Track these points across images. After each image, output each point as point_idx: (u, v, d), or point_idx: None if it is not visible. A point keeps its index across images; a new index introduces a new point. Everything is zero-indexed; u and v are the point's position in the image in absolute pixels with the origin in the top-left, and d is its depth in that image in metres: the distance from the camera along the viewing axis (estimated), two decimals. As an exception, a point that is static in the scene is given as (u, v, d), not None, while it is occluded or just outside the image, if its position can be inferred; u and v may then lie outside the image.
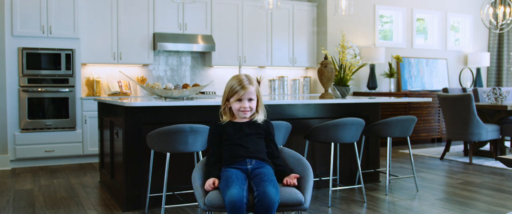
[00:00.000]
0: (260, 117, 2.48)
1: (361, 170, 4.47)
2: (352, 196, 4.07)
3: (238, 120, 2.46)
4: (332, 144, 3.79)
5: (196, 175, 2.36)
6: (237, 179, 2.19)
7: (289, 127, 3.53)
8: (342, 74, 4.51)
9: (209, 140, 2.51)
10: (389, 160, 4.25)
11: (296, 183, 2.30)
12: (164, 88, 3.80)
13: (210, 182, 2.26)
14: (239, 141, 2.39)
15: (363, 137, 4.42)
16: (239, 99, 2.39)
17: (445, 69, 8.50)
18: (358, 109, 4.46)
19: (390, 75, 7.62)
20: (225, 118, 2.47)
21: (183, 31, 6.49)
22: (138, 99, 4.52)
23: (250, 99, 2.41)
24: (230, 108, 2.46)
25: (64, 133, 5.64)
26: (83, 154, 5.77)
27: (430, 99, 4.97)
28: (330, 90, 4.48)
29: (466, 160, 5.91)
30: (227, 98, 2.43)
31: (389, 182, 4.56)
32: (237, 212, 2.06)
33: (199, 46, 6.43)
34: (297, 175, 2.33)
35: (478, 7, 8.81)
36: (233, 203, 2.05)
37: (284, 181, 2.31)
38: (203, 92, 6.69)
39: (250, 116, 2.48)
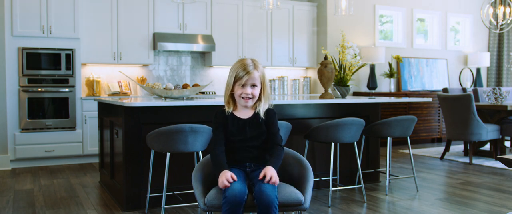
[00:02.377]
0: (264, 107, 2.33)
1: (361, 170, 4.47)
2: (352, 196, 4.07)
3: (241, 115, 2.34)
4: (332, 144, 3.79)
5: (196, 175, 2.35)
6: (238, 175, 2.19)
7: (289, 127, 3.53)
8: (342, 74, 4.51)
9: (214, 129, 2.36)
10: (389, 160, 4.24)
11: (269, 178, 2.15)
12: (164, 88, 3.80)
13: (228, 176, 2.12)
14: (240, 144, 2.31)
15: (363, 137, 4.42)
16: (243, 85, 2.27)
17: (445, 69, 8.50)
18: (358, 109, 4.46)
19: (390, 75, 7.62)
20: (228, 107, 2.34)
21: (183, 31, 6.49)
22: (138, 99, 4.52)
23: (253, 85, 2.28)
24: (233, 96, 2.33)
25: (64, 133, 5.64)
26: (83, 154, 5.77)
27: (430, 99, 4.97)
28: (330, 90, 4.48)
29: (466, 160, 5.91)
30: (232, 83, 2.28)
31: (389, 182, 4.56)
32: (236, 207, 2.04)
33: (199, 46, 6.43)
34: (268, 171, 2.17)
35: (478, 7, 8.81)
36: (234, 197, 2.03)
37: (260, 175, 2.18)
38: (203, 92, 6.69)
39: (253, 105, 2.35)
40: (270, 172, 2.17)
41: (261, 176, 2.17)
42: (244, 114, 2.36)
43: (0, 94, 5.39)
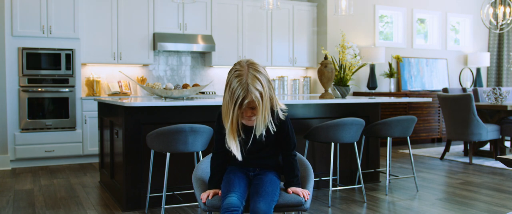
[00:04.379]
0: (263, 123, 2.07)
1: (361, 170, 4.47)
2: (352, 196, 4.07)
3: (246, 121, 2.12)
4: (332, 144, 3.79)
5: (196, 175, 2.35)
6: (239, 185, 2.12)
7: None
8: (342, 74, 4.51)
9: (216, 131, 2.24)
10: (389, 160, 4.24)
11: (301, 195, 2.18)
12: (164, 88, 3.80)
13: (209, 194, 2.15)
14: (245, 151, 2.19)
15: (363, 137, 4.42)
16: (240, 106, 2.02)
17: (445, 69, 8.50)
18: (358, 109, 4.46)
19: (390, 75, 7.62)
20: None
21: (183, 31, 6.49)
22: (138, 99, 4.52)
23: (251, 108, 2.04)
24: None
25: (64, 133, 5.64)
26: (83, 154, 5.77)
27: (430, 99, 4.97)
28: (330, 90, 4.48)
29: (466, 160, 5.91)
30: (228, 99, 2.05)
31: (389, 182, 4.56)
32: None
33: (199, 46, 6.43)
34: (308, 192, 2.20)
35: (478, 7, 8.81)
36: (228, 210, 1.99)
37: (289, 191, 2.20)
38: (203, 92, 6.69)
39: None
40: (299, 192, 2.18)
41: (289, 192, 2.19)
42: (249, 120, 2.12)
43: (0, 94, 5.39)
